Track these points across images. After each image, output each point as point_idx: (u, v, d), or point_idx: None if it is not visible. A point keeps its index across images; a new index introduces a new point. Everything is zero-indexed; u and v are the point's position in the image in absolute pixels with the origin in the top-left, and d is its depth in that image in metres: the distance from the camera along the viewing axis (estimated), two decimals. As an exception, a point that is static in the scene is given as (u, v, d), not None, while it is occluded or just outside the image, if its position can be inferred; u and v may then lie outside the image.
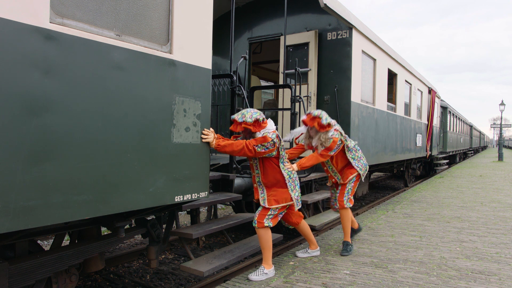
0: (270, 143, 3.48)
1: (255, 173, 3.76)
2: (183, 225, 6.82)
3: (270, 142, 3.47)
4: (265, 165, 3.66)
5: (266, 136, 3.47)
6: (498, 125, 30.11)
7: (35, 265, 2.58)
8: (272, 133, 3.53)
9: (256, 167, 3.74)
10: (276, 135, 3.56)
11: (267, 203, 3.65)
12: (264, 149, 3.48)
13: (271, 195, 3.67)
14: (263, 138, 3.46)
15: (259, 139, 3.47)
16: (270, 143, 3.47)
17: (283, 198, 3.67)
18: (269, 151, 3.52)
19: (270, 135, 3.49)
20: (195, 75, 3.16)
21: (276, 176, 3.66)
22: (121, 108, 2.57)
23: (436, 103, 13.99)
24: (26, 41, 2.05)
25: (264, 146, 3.47)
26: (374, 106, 7.49)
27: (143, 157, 2.74)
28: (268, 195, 3.69)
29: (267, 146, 3.47)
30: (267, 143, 3.47)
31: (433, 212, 6.87)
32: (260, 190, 3.75)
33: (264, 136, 3.46)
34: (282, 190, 3.68)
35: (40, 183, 2.13)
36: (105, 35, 2.48)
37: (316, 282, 3.49)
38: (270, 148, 3.51)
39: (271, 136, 3.48)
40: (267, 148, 3.49)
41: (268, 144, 3.47)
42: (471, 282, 3.53)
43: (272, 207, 3.64)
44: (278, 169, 3.66)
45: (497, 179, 12.90)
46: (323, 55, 6.46)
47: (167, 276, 4.56)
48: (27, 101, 2.05)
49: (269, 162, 3.65)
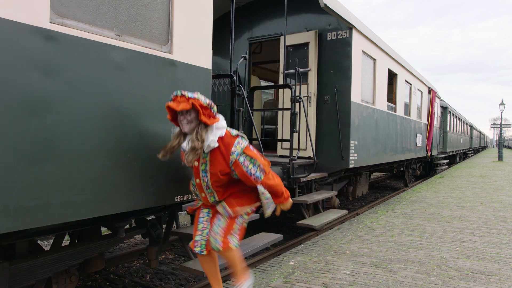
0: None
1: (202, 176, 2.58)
2: (183, 225, 6.82)
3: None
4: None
5: (248, 146, 2.55)
6: (498, 125, 30.10)
7: (35, 265, 2.58)
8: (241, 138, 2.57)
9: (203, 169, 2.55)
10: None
11: (230, 210, 2.58)
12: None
13: (232, 199, 2.62)
14: (248, 147, 2.53)
15: (251, 151, 2.52)
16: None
17: (250, 200, 2.68)
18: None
19: (243, 141, 2.54)
20: (195, 75, 3.16)
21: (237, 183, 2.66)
22: (121, 108, 2.57)
23: (436, 103, 13.98)
24: (26, 41, 2.05)
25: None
26: (374, 106, 7.49)
27: (143, 157, 2.74)
28: (227, 201, 2.62)
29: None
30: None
31: (433, 212, 6.87)
32: (209, 195, 2.63)
33: (247, 147, 2.54)
34: (244, 194, 2.67)
35: (40, 183, 2.13)
36: (105, 35, 2.48)
37: (316, 282, 3.49)
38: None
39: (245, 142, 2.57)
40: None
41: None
42: (471, 282, 3.53)
43: (242, 210, 2.62)
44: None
45: (497, 179, 12.89)
46: (323, 55, 6.46)
47: (167, 276, 4.56)
48: (27, 101, 2.05)
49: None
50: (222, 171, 2.48)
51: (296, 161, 5.57)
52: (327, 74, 6.41)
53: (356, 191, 8.07)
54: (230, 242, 2.57)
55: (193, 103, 2.37)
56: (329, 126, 6.35)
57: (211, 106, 2.46)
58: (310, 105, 6.40)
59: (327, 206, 6.73)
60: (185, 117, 2.42)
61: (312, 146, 5.73)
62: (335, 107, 6.25)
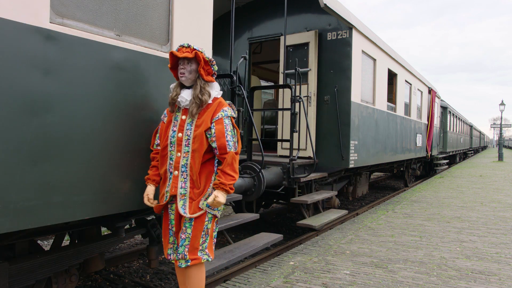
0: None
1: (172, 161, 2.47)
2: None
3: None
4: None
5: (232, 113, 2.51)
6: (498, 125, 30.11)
7: (35, 265, 2.58)
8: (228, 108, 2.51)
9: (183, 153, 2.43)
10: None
11: (188, 210, 2.42)
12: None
13: (194, 189, 2.45)
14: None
15: (235, 124, 2.52)
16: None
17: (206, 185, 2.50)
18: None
19: (234, 112, 2.55)
20: (195, 75, 3.15)
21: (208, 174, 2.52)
22: (121, 108, 2.57)
23: (436, 103, 13.99)
24: (26, 41, 2.04)
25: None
26: (374, 106, 7.49)
27: (143, 156, 2.74)
28: (190, 194, 2.45)
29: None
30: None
31: (433, 212, 6.87)
32: (183, 156, 2.43)
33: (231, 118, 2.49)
34: (207, 178, 2.51)
35: (40, 183, 2.13)
36: (105, 35, 2.48)
37: (316, 282, 3.49)
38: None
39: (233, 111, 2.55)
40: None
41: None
42: (471, 282, 3.53)
43: (214, 211, 2.47)
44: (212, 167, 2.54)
45: (497, 179, 12.89)
46: (323, 55, 6.46)
47: (167, 276, 4.56)
48: (27, 101, 2.05)
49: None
50: (205, 126, 2.43)
51: (296, 161, 5.57)
52: (327, 74, 6.41)
53: (356, 191, 8.07)
54: (201, 257, 2.46)
55: (197, 53, 2.40)
56: (329, 126, 6.35)
57: (212, 64, 2.49)
58: (310, 105, 6.40)
59: (327, 206, 6.73)
60: (185, 67, 2.44)
61: (312, 146, 5.73)
62: (335, 107, 6.25)
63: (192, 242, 2.43)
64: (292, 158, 5.43)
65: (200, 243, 2.46)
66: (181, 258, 2.44)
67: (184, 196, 2.44)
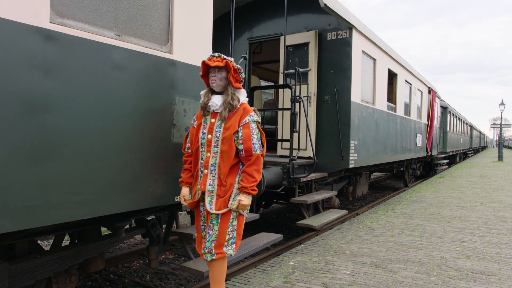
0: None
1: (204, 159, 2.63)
2: (183, 225, 6.82)
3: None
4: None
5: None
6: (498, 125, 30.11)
7: (35, 265, 2.58)
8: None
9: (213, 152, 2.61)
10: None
11: (214, 206, 2.59)
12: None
13: (222, 187, 2.62)
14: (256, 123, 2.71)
15: (260, 128, 2.74)
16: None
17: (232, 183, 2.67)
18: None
19: (258, 117, 2.78)
20: (195, 75, 3.16)
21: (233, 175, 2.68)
22: (121, 108, 2.58)
23: (436, 103, 13.99)
24: (26, 41, 2.05)
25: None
26: (374, 106, 7.49)
27: (143, 157, 2.74)
28: (217, 192, 2.62)
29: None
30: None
31: (433, 212, 6.87)
32: (212, 156, 2.61)
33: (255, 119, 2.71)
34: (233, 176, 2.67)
35: (40, 183, 2.13)
36: (105, 35, 2.48)
37: (316, 282, 3.49)
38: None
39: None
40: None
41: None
42: (471, 282, 3.53)
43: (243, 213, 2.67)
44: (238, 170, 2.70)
45: (497, 179, 12.90)
46: (323, 55, 6.46)
47: (167, 276, 4.56)
48: (27, 101, 2.05)
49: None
50: (233, 129, 2.64)
51: (296, 161, 5.57)
52: (327, 74, 6.41)
53: (356, 191, 8.07)
54: (225, 251, 2.63)
55: (227, 62, 2.61)
56: (329, 126, 6.35)
57: (240, 71, 2.71)
58: (310, 105, 6.40)
59: (327, 206, 6.73)
60: (216, 75, 2.63)
61: (312, 146, 5.73)
62: (335, 107, 6.25)
63: (219, 238, 2.59)
64: (292, 158, 5.43)
65: (226, 239, 2.62)
66: (207, 252, 2.61)
67: (211, 193, 2.61)
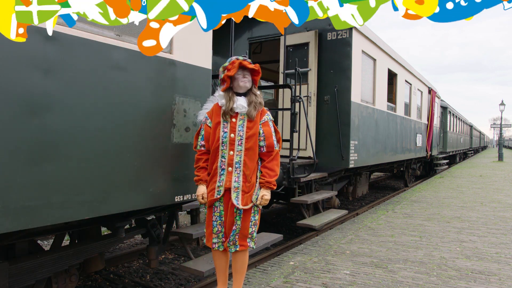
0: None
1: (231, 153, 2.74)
2: (183, 225, 6.82)
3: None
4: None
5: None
6: (498, 125, 30.11)
7: (35, 265, 2.58)
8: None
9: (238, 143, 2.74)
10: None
11: (241, 201, 2.72)
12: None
13: (246, 182, 2.75)
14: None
15: (275, 126, 2.94)
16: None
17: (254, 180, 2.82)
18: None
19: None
20: (195, 75, 3.16)
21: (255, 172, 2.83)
22: (121, 108, 2.57)
23: (436, 103, 13.99)
24: (26, 41, 2.04)
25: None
26: (374, 106, 7.49)
27: (143, 157, 2.74)
28: (242, 188, 2.74)
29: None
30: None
31: (433, 212, 6.87)
32: (236, 154, 2.73)
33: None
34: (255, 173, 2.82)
35: (40, 183, 2.13)
36: (105, 35, 2.48)
37: (316, 282, 3.49)
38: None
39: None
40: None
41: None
42: (471, 282, 3.53)
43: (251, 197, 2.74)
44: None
45: (497, 179, 12.90)
46: (323, 55, 6.46)
47: (167, 276, 4.56)
48: (28, 101, 2.05)
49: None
50: (257, 127, 2.80)
51: (296, 161, 5.57)
52: (327, 74, 6.41)
53: (356, 191, 8.07)
54: (248, 244, 2.79)
55: (258, 66, 2.81)
56: (329, 126, 6.35)
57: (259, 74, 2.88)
58: (310, 105, 6.40)
59: (327, 206, 6.73)
60: (246, 77, 2.77)
61: (312, 146, 5.73)
62: (335, 107, 6.25)
63: (242, 231, 2.74)
64: (292, 158, 5.43)
65: (249, 232, 2.77)
66: (231, 244, 2.75)
67: (237, 189, 2.72)
